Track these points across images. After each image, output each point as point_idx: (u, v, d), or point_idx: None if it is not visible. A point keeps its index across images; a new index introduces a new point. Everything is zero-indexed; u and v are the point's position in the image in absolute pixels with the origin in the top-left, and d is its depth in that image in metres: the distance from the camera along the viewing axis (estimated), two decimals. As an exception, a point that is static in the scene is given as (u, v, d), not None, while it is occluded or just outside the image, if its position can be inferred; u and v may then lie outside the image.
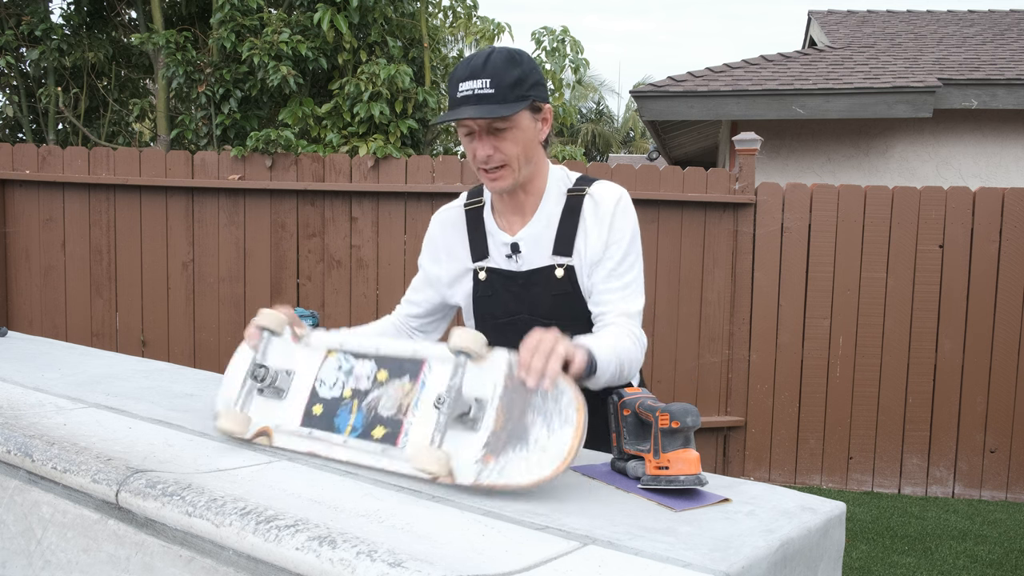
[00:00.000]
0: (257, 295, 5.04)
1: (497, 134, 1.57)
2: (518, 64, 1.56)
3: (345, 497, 1.23)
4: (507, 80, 1.53)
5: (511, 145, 1.58)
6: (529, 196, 1.68)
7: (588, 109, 26.02)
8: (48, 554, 1.39)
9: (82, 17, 7.22)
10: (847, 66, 7.21)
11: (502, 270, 1.70)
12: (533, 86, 1.57)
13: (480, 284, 1.73)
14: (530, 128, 1.60)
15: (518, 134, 1.58)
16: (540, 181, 1.68)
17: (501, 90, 1.53)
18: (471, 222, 1.74)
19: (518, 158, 1.59)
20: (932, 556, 4.10)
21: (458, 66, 1.59)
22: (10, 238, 5.04)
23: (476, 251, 1.73)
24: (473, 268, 1.74)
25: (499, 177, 1.60)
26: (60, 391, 1.85)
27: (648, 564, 1.01)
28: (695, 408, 1.27)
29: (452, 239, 1.76)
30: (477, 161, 1.60)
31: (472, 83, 1.53)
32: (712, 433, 5.15)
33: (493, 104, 1.53)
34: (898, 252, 5.04)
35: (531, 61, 1.60)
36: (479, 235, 1.73)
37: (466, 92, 1.54)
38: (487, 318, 1.73)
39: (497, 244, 1.71)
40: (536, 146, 1.64)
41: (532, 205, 1.69)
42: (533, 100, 1.58)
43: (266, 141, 4.99)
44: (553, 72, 6.71)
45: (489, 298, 1.72)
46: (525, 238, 1.68)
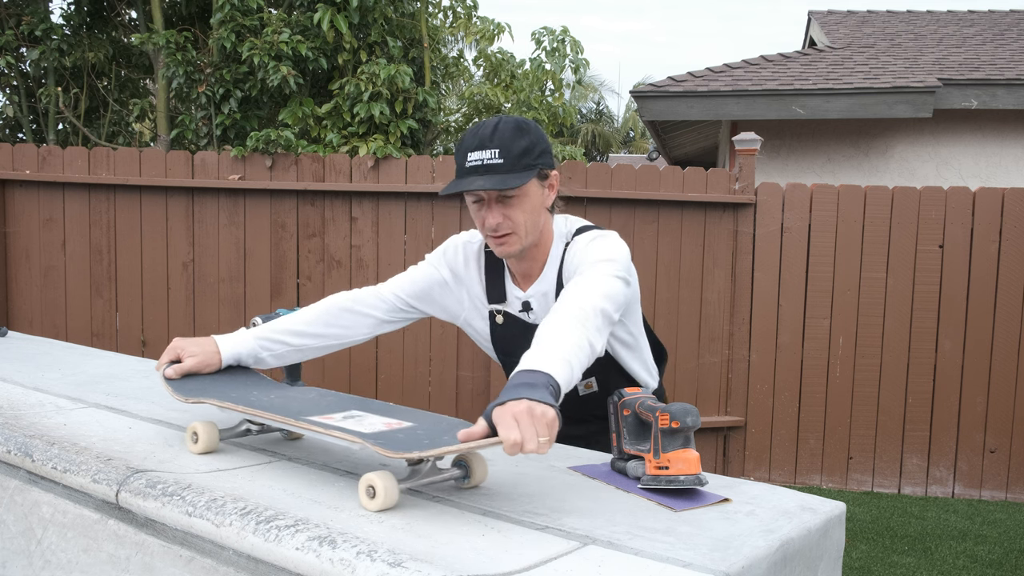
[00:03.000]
0: (257, 295, 5.04)
1: (506, 202, 1.60)
2: (526, 133, 1.58)
3: (345, 497, 1.23)
4: (515, 150, 1.55)
5: (519, 213, 1.60)
6: (536, 258, 1.72)
7: (588, 109, 26.03)
8: (48, 554, 1.39)
9: (82, 17, 7.22)
10: (847, 66, 7.21)
11: (518, 318, 1.75)
12: (540, 154, 1.60)
13: (498, 327, 1.77)
14: (537, 195, 1.63)
15: (526, 202, 1.61)
16: (546, 242, 1.71)
17: (510, 160, 1.55)
18: (489, 264, 1.77)
19: (525, 224, 1.62)
20: (932, 556, 4.10)
21: (466, 135, 1.61)
22: (10, 238, 5.04)
23: (493, 295, 1.77)
24: (490, 309, 1.77)
25: (506, 243, 1.63)
26: (60, 391, 1.85)
27: (648, 564, 1.01)
28: (695, 408, 1.27)
29: (471, 272, 1.79)
30: (486, 228, 1.62)
31: (481, 153, 1.55)
32: (712, 433, 5.15)
33: (502, 174, 1.55)
34: (898, 252, 5.04)
35: (538, 129, 1.62)
36: (496, 279, 1.76)
37: (475, 162, 1.56)
38: (509, 355, 1.76)
39: (511, 296, 1.75)
40: (543, 211, 1.67)
41: (539, 264, 1.72)
42: (540, 168, 1.60)
43: (266, 141, 4.99)
44: (553, 72, 6.71)
45: (508, 340, 1.76)
46: (535, 295, 1.72)
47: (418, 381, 5.04)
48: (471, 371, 5.00)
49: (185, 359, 1.56)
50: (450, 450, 1.14)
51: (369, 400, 1.49)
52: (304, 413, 1.37)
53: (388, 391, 5.03)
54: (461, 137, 1.62)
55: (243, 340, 1.63)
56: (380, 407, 1.44)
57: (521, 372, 1.23)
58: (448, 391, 5.02)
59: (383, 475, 1.16)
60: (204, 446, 1.42)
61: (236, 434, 1.51)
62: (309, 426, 1.29)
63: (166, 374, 1.54)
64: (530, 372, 1.22)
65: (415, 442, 1.20)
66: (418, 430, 1.28)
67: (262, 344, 1.65)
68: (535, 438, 1.10)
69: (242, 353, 1.63)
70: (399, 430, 1.28)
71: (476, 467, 1.28)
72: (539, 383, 1.19)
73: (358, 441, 1.20)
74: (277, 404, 1.44)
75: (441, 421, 1.33)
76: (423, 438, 1.23)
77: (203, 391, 1.49)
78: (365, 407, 1.43)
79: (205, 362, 1.57)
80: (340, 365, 5.01)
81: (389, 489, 1.16)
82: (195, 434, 1.43)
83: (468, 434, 1.13)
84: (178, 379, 1.54)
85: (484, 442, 1.13)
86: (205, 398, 1.45)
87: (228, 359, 1.61)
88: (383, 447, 1.17)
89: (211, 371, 1.59)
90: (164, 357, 1.57)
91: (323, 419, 1.33)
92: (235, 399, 1.45)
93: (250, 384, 1.58)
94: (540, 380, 1.20)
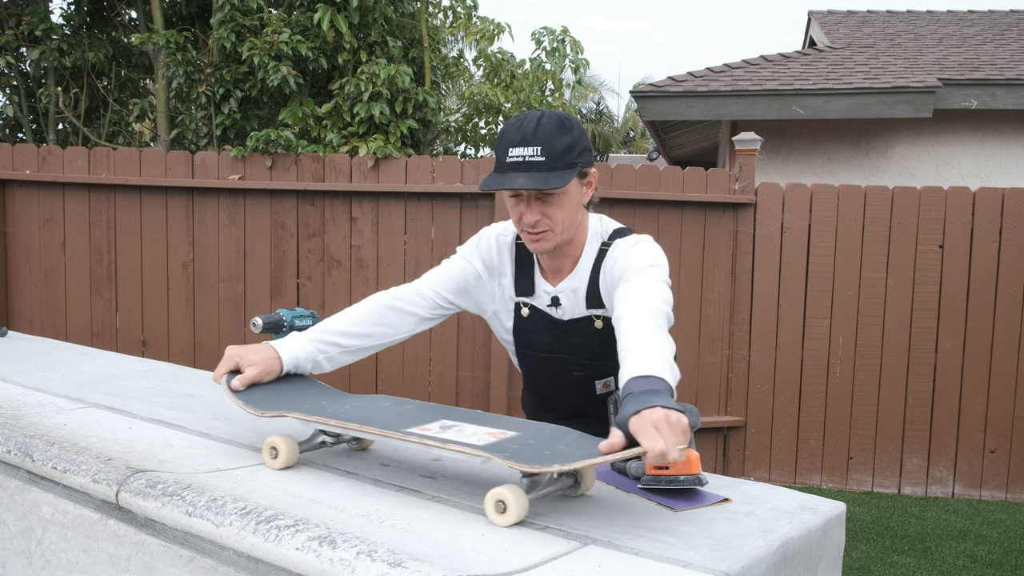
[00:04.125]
0: (257, 295, 5.04)
1: (545, 200, 1.59)
2: (568, 131, 1.56)
3: (345, 497, 1.23)
4: (558, 148, 1.54)
5: (557, 211, 1.60)
6: (569, 255, 1.71)
7: (588, 109, 26.01)
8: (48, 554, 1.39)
9: (82, 17, 7.21)
10: (847, 66, 7.21)
11: (545, 312, 1.74)
12: (581, 152, 1.59)
13: (523, 319, 1.76)
14: (576, 193, 1.63)
15: (565, 200, 1.60)
16: (580, 238, 1.71)
17: (552, 158, 1.53)
18: (520, 257, 1.76)
19: (563, 222, 1.61)
20: (932, 556, 4.10)
21: (507, 127, 1.58)
22: (10, 238, 5.04)
23: (521, 287, 1.75)
24: (517, 301, 1.76)
25: (542, 239, 1.62)
26: (60, 391, 1.85)
27: (648, 564, 1.01)
28: (695, 408, 1.27)
29: (504, 265, 1.77)
30: (523, 224, 1.61)
31: (523, 150, 1.54)
32: (712, 433, 5.15)
33: (544, 172, 1.53)
34: (898, 252, 5.04)
35: (580, 127, 1.61)
36: (526, 272, 1.75)
37: (516, 158, 1.54)
38: (529, 350, 1.77)
39: (540, 290, 1.74)
40: (580, 209, 1.66)
41: (572, 260, 1.71)
42: (581, 167, 1.59)
43: (266, 141, 4.99)
44: (553, 72, 6.71)
45: (531, 333, 1.75)
46: (564, 291, 1.71)
47: (418, 381, 5.04)
48: (471, 371, 5.00)
49: (246, 368, 1.48)
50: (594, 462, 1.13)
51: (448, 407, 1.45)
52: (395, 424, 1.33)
53: (388, 391, 5.03)
54: (502, 129, 1.58)
55: (302, 345, 1.57)
56: (466, 414, 1.40)
57: (639, 379, 1.23)
58: (448, 391, 5.02)
59: (513, 489, 1.14)
60: (284, 461, 1.36)
61: (312, 447, 1.46)
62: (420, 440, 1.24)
63: (232, 386, 1.45)
64: (648, 379, 1.23)
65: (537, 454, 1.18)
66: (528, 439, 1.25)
67: (319, 347, 1.60)
68: (675, 447, 1.11)
69: (301, 358, 1.57)
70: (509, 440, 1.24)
71: (586, 476, 1.28)
72: (663, 389, 1.21)
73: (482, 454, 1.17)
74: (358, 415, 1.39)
75: (543, 429, 1.32)
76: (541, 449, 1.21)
77: (274, 403, 1.42)
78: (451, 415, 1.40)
79: (267, 370, 1.50)
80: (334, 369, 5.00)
81: (520, 503, 1.13)
82: (274, 449, 1.37)
83: (610, 446, 1.14)
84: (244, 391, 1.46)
85: (627, 453, 1.13)
86: (284, 411, 1.39)
87: (289, 366, 1.54)
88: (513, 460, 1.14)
89: (271, 379, 1.52)
90: (222, 367, 1.49)
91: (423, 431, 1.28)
92: (311, 410, 1.39)
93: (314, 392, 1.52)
94: (662, 386, 1.21)
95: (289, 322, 1.91)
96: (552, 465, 1.12)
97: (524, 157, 1.53)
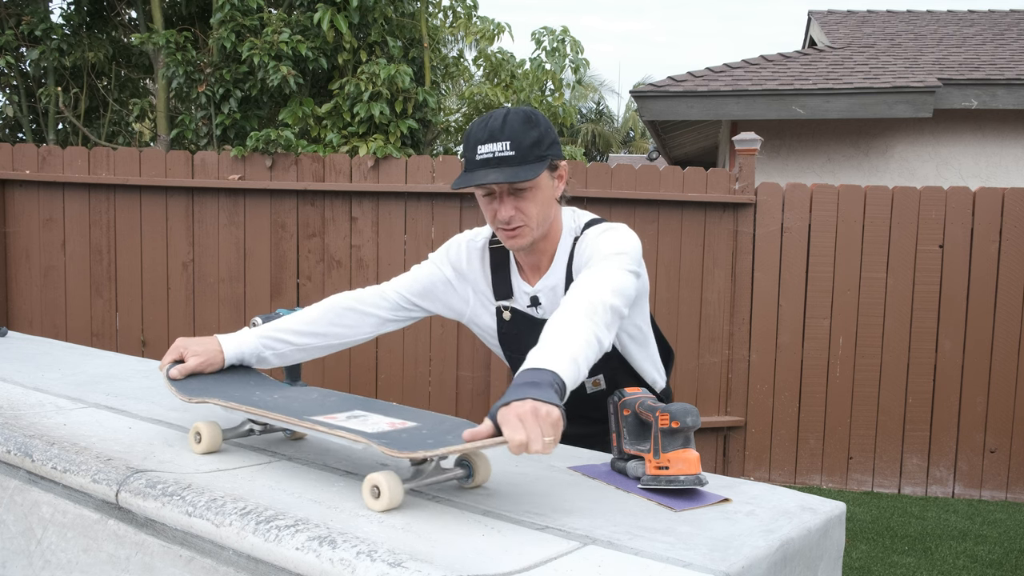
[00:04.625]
0: (257, 295, 5.04)
1: (518, 195, 1.59)
2: (535, 125, 1.57)
3: (345, 497, 1.23)
4: (526, 142, 1.55)
5: (531, 205, 1.60)
6: (545, 251, 1.71)
7: (588, 109, 26.02)
8: (48, 554, 1.39)
9: (82, 17, 7.21)
10: (847, 66, 7.21)
11: (525, 314, 1.74)
12: (550, 145, 1.59)
13: (505, 323, 1.76)
14: (548, 187, 1.64)
15: (538, 194, 1.61)
16: (555, 234, 1.71)
17: (521, 152, 1.54)
18: (495, 261, 1.76)
19: (537, 217, 1.62)
20: (932, 556, 4.10)
21: (473, 127, 1.59)
22: (10, 238, 5.04)
23: (500, 291, 1.76)
24: (497, 306, 1.76)
25: (518, 235, 1.62)
26: (60, 391, 1.85)
27: (648, 564, 1.01)
28: (695, 408, 1.27)
29: (475, 269, 1.78)
30: (497, 222, 1.62)
31: (492, 145, 1.54)
32: (712, 433, 5.15)
33: (514, 167, 1.54)
34: (898, 252, 5.04)
35: (546, 120, 1.62)
36: (503, 275, 1.75)
37: (486, 155, 1.55)
38: (515, 352, 1.77)
39: (519, 291, 1.74)
40: (553, 203, 1.67)
41: (548, 257, 1.72)
42: (551, 159, 1.59)
43: (266, 141, 4.99)
44: (553, 72, 6.71)
45: (515, 335, 1.75)
46: (543, 290, 1.72)
47: (418, 381, 5.04)
48: (471, 371, 5.00)
49: (188, 358, 1.55)
50: (455, 450, 1.14)
51: (372, 400, 1.49)
52: (308, 413, 1.37)
53: (388, 391, 5.03)
54: (468, 129, 1.60)
55: (246, 339, 1.63)
56: (383, 407, 1.44)
57: (526, 371, 1.22)
58: (448, 391, 5.02)
59: (387, 475, 1.16)
60: (207, 446, 1.42)
61: (239, 434, 1.51)
62: (313, 426, 1.28)
63: (170, 374, 1.54)
64: (535, 371, 1.22)
65: (419, 442, 1.20)
66: (422, 430, 1.28)
67: (265, 343, 1.64)
68: (540, 439, 1.09)
69: (245, 352, 1.62)
70: (403, 430, 1.28)
71: (480, 467, 1.28)
72: (544, 382, 1.19)
73: (362, 440, 1.20)
74: (280, 404, 1.44)
75: (444, 421, 1.33)
76: (427, 438, 1.23)
77: (206, 391, 1.49)
78: (368, 407, 1.43)
79: (208, 361, 1.57)
80: (340, 365, 5.01)
81: (394, 489, 1.16)
82: (198, 434, 1.43)
83: (473, 434, 1.13)
84: (182, 379, 1.54)
85: (489, 442, 1.13)
86: (209, 398, 1.45)
87: (231, 358, 1.60)
88: (387, 447, 1.16)
89: (214, 370, 1.59)
90: (167, 357, 1.56)
91: (327, 419, 1.33)
92: (238, 399, 1.45)
93: (252, 384, 1.58)
94: (545, 379, 1.20)
95: (289, 322, 1.91)
96: (417, 451, 1.14)
97: (494, 153, 1.54)
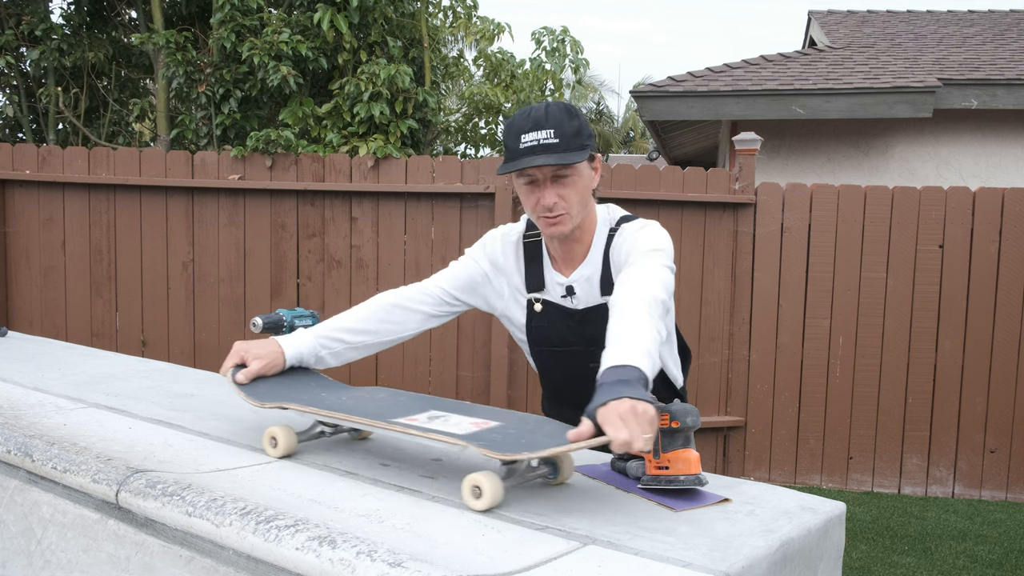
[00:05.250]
0: (257, 295, 5.04)
1: (560, 182, 1.63)
2: (576, 116, 1.62)
3: (345, 497, 1.23)
4: (569, 130, 1.60)
5: (572, 192, 1.64)
6: (581, 241, 1.74)
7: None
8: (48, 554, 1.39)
9: (82, 17, 7.21)
10: (847, 66, 7.21)
11: (559, 305, 1.75)
12: (589, 136, 1.64)
13: (536, 315, 1.78)
14: (588, 176, 1.68)
15: (578, 181, 1.64)
16: (590, 225, 1.74)
17: (565, 139, 1.59)
18: (529, 253, 1.79)
19: (577, 204, 1.65)
20: (932, 556, 4.10)
21: (515, 118, 1.63)
22: (10, 238, 5.04)
23: (532, 283, 1.78)
24: (529, 298, 1.78)
25: (559, 222, 1.65)
26: (60, 391, 1.85)
27: (648, 564, 1.01)
28: (695, 408, 1.27)
29: (510, 263, 1.80)
30: (540, 209, 1.64)
31: (537, 133, 1.59)
32: (712, 433, 5.15)
33: (560, 152, 1.58)
34: (898, 252, 5.04)
35: (583, 114, 1.67)
36: (536, 267, 1.78)
37: (531, 142, 1.59)
38: (543, 346, 1.79)
39: (552, 282, 1.76)
40: (590, 193, 1.70)
41: (583, 248, 1.74)
42: (590, 150, 1.64)
43: (266, 141, 4.99)
44: (553, 72, 6.71)
45: (545, 328, 1.77)
46: (578, 280, 1.74)
47: (418, 381, 5.04)
48: (471, 371, 5.00)
49: (251, 362, 1.56)
50: (559, 451, 1.16)
51: (441, 399, 1.49)
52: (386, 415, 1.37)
53: (388, 391, 5.03)
54: (510, 121, 1.64)
55: (304, 340, 1.65)
56: (457, 406, 1.45)
57: (613, 368, 1.25)
58: (448, 391, 5.02)
59: (488, 475, 1.18)
60: (284, 449, 1.42)
61: (310, 436, 1.52)
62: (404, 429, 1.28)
63: (237, 379, 1.52)
64: (622, 368, 1.25)
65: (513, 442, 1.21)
66: (508, 429, 1.29)
67: (322, 343, 1.67)
68: (641, 436, 1.13)
69: (304, 353, 1.64)
70: (491, 430, 1.28)
71: (564, 465, 1.31)
72: (633, 379, 1.22)
73: (459, 443, 1.21)
74: (353, 406, 1.44)
75: (527, 420, 1.35)
76: (519, 438, 1.24)
77: (276, 395, 1.48)
78: (442, 406, 1.44)
79: (271, 364, 1.58)
80: (341, 365, 5.01)
81: (495, 489, 1.17)
82: (273, 438, 1.43)
83: (577, 435, 1.16)
84: (248, 384, 1.53)
85: (593, 442, 1.15)
86: (283, 403, 1.44)
87: (292, 359, 1.62)
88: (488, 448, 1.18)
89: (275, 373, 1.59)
90: (229, 361, 1.57)
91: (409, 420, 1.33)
92: (310, 401, 1.44)
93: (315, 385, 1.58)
94: (633, 375, 1.23)
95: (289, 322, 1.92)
96: (522, 452, 1.16)
97: (539, 140, 1.58)
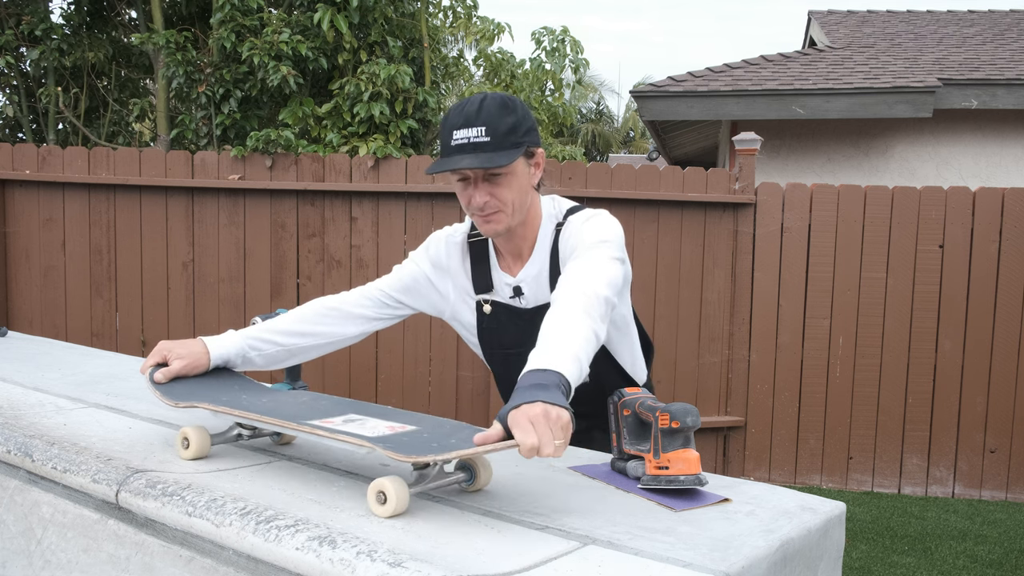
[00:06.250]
0: (257, 295, 5.04)
1: (493, 180, 1.57)
2: (512, 111, 1.56)
3: (345, 497, 1.23)
4: (502, 128, 1.53)
5: (506, 191, 1.58)
6: (526, 238, 1.69)
7: (588, 109, 26.01)
8: (48, 554, 1.39)
9: (82, 17, 7.21)
10: (847, 66, 7.21)
11: (508, 305, 1.72)
12: (527, 132, 1.58)
13: (486, 317, 1.74)
14: (524, 174, 1.61)
15: (513, 180, 1.59)
16: (534, 222, 1.69)
17: (496, 138, 1.53)
18: (475, 254, 1.75)
19: (513, 203, 1.60)
20: (932, 556, 4.10)
21: (450, 112, 1.58)
22: (10, 238, 5.04)
23: (480, 284, 1.74)
24: (477, 299, 1.75)
25: (493, 220, 1.60)
26: (60, 391, 1.85)
27: (648, 564, 1.01)
28: (695, 408, 1.27)
29: (455, 264, 1.76)
30: (472, 207, 1.60)
31: (467, 131, 1.53)
32: (712, 433, 5.15)
33: (490, 152, 1.53)
34: (898, 252, 5.04)
35: (523, 107, 1.60)
36: (483, 268, 1.74)
37: (461, 140, 1.54)
38: (495, 348, 1.75)
39: (500, 282, 1.72)
40: (530, 190, 1.65)
41: (529, 246, 1.70)
42: (527, 146, 1.58)
43: (266, 141, 4.99)
44: (553, 72, 6.71)
45: (495, 330, 1.74)
46: (526, 279, 1.70)
47: (418, 381, 5.04)
48: (471, 371, 5.00)
49: (172, 361, 1.51)
50: (466, 453, 1.12)
51: (365, 403, 1.47)
52: (301, 417, 1.34)
53: (388, 391, 5.03)
54: (445, 114, 1.60)
55: (231, 340, 1.60)
56: (378, 410, 1.42)
57: (532, 372, 1.22)
58: (448, 391, 5.02)
59: (394, 480, 1.14)
60: (195, 452, 1.39)
61: (227, 439, 1.48)
62: (312, 430, 1.26)
63: (154, 378, 1.49)
64: (541, 372, 1.21)
65: (423, 445, 1.18)
66: (423, 433, 1.26)
67: (251, 344, 1.62)
68: (551, 442, 1.09)
69: (230, 353, 1.59)
70: (403, 433, 1.26)
71: (481, 470, 1.27)
72: (551, 383, 1.18)
73: (365, 444, 1.18)
74: (271, 408, 1.41)
75: (443, 424, 1.32)
76: (430, 441, 1.21)
77: (193, 395, 1.45)
78: (363, 410, 1.41)
79: (193, 364, 1.53)
80: (340, 365, 5.01)
81: (400, 494, 1.14)
82: (186, 439, 1.40)
83: (484, 437, 1.13)
84: (166, 383, 1.50)
85: (500, 445, 1.12)
86: (197, 402, 1.41)
87: (216, 360, 1.57)
88: (393, 451, 1.15)
89: (199, 373, 1.55)
90: (150, 359, 1.52)
91: (324, 423, 1.31)
92: (227, 403, 1.42)
93: (238, 387, 1.54)
94: (552, 380, 1.19)
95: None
96: (427, 455, 1.13)
97: (468, 139, 1.53)
